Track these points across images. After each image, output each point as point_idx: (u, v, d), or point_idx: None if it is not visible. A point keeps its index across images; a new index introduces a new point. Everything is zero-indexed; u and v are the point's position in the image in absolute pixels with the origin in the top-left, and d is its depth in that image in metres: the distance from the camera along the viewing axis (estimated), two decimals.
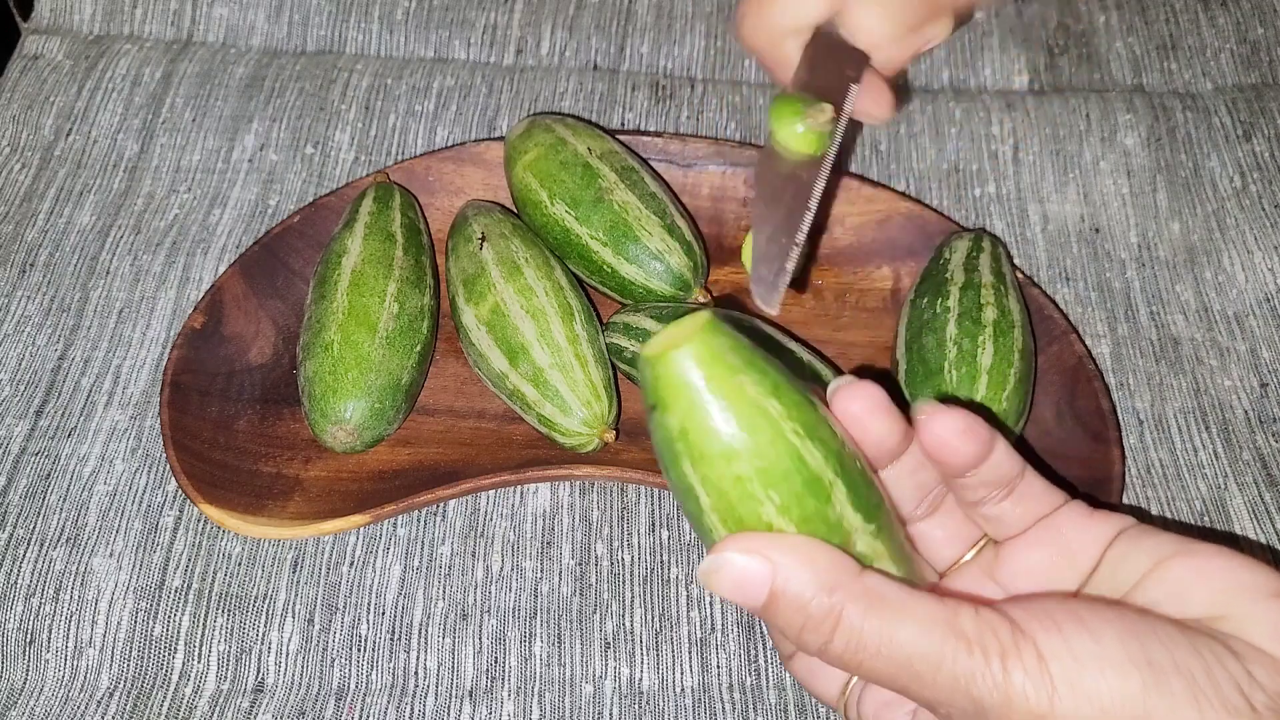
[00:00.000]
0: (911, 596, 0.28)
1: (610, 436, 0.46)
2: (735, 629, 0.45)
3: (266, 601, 0.45)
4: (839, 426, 0.29)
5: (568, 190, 0.50)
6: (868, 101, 0.43)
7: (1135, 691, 0.26)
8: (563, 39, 0.65)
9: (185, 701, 0.43)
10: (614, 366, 0.49)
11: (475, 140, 0.55)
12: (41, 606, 0.45)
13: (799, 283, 0.54)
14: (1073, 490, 0.38)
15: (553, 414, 0.46)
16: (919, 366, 0.47)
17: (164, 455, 0.47)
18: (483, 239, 0.49)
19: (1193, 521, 0.48)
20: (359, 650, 0.45)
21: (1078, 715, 0.26)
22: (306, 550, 0.47)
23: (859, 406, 0.29)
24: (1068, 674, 0.27)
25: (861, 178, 0.54)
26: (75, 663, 0.44)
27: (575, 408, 0.45)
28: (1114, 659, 0.27)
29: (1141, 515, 0.48)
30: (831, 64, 0.41)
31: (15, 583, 0.45)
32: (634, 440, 0.49)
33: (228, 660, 0.44)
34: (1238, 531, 0.47)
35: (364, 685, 0.44)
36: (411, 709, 0.43)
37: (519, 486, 0.48)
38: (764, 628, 0.45)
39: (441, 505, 0.48)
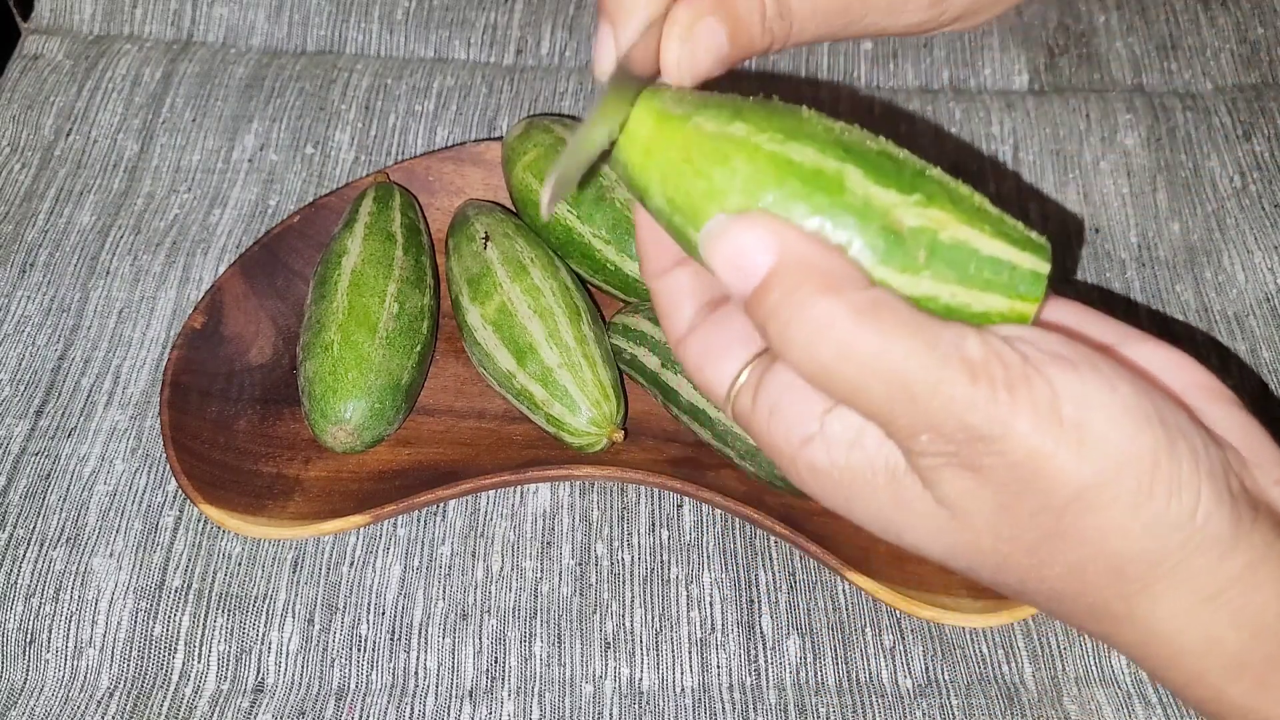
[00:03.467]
0: (915, 315, 0.25)
1: (619, 436, 0.46)
2: (735, 629, 0.45)
3: (266, 601, 0.45)
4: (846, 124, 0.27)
5: None
6: None
7: (1148, 447, 0.24)
8: (563, 39, 0.65)
9: (185, 701, 0.43)
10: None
11: (475, 140, 0.55)
12: (41, 606, 0.45)
13: None
14: None
15: (562, 414, 0.46)
16: None
17: (164, 455, 0.47)
18: (486, 238, 0.49)
19: None
20: (359, 650, 0.45)
21: (1082, 461, 0.24)
22: (306, 550, 0.47)
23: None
24: (1080, 417, 0.24)
25: None
26: (75, 663, 0.44)
27: (584, 407, 0.46)
28: (1130, 410, 0.25)
29: None
30: None
31: (15, 583, 0.45)
32: (635, 440, 0.49)
33: (228, 660, 0.44)
34: None
35: (364, 685, 0.44)
36: (411, 709, 0.43)
37: (519, 486, 0.48)
38: (764, 627, 0.45)
39: (441, 505, 0.48)
